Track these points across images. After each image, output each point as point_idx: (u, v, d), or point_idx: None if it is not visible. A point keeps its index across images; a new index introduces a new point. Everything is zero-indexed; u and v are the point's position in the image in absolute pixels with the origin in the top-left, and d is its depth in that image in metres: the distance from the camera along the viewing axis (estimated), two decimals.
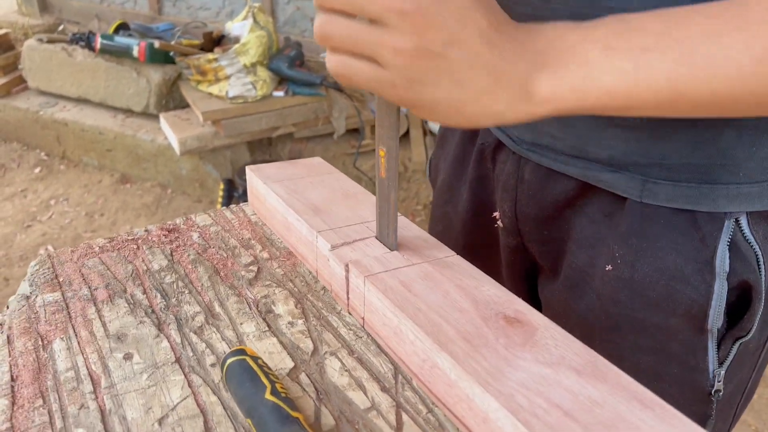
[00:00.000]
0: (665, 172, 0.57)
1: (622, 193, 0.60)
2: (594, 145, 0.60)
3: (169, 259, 0.67)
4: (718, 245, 0.56)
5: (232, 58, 2.83)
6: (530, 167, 0.67)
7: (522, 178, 0.68)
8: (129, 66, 3.07)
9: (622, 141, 0.58)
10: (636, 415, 0.39)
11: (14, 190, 3.09)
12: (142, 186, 3.10)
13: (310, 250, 0.63)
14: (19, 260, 2.57)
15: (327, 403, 0.49)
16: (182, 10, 3.96)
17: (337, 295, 0.60)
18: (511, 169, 0.69)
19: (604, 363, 0.45)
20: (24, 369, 0.52)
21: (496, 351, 0.45)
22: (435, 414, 0.48)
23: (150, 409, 0.48)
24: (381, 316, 0.53)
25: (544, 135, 0.64)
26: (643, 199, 0.58)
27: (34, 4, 4.36)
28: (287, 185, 0.70)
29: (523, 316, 0.49)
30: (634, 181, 0.58)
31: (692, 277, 0.57)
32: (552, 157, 0.64)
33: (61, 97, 3.36)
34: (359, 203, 0.68)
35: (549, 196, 0.66)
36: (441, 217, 0.85)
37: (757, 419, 1.82)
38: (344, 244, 0.59)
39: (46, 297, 0.61)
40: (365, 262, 0.56)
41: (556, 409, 0.39)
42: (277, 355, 0.54)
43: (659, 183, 0.57)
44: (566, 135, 0.62)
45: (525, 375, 0.42)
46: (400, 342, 0.51)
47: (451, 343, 0.45)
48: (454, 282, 0.53)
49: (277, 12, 3.58)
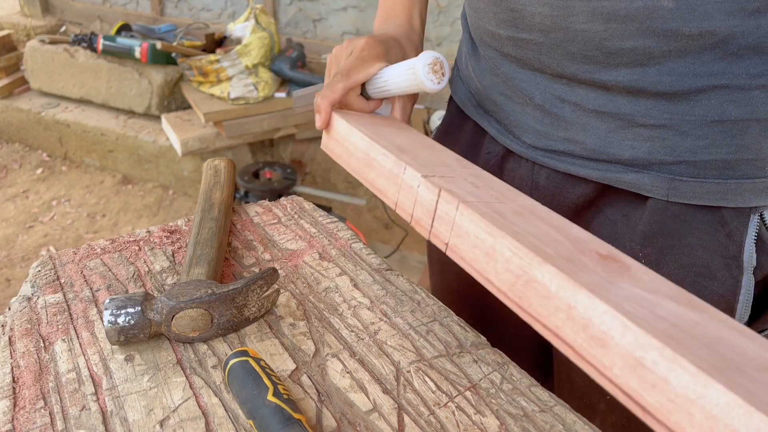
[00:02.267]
0: (691, 169, 0.57)
1: (647, 193, 0.59)
2: (616, 147, 0.59)
3: (171, 260, 0.67)
4: (745, 240, 0.56)
5: (234, 60, 2.83)
6: (545, 173, 0.66)
7: (537, 185, 0.67)
8: (131, 67, 3.07)
9: (646, 140, 0.58)
10: (738, 340, 0.39)
11: (16, 191, 3.10)
12: (143, 187, 3.10)
13: (392, 183, 0.63)
14: (20, 261, 2.57)
15: (328, 405, 0.49)
16: (184, 12, 3.96)
17: (418, 222, 0.60)
18: (524, 176, 0.68)
19: (698, 300, 0.45)
20: (25, 370, 0.52)
21: (596, 273, 0.45)
22: (437, 416, 0.48)
23: (151, 410, 0.48)
24: (473, 239, 0.52)
25: (559, 140, 0.63)
26: (669, 198, 0.58)
27: (36, 6, 4.36)
28: (372, 129, 0.71)
29: (617, 255, 0.49)
30: (660, 180, 0.58)
31: (719, 273, 0.57)
32: (569, 162, 0.63)
33: (63, 98, 3.37)
34: (442, 152, 0.68)
35: (566, 201, 0.65)
36: None
37: None
38: (434, 176, 0.60)
39: (47, 298, 0.61)
40: (458, 192, 0.56)
41: (662, 321, 0.39)
42: (279, 356, 0.54)
43: (685, 181, 0.57)
44: (585, 139, 0.61)
45: (627, 293, 0.42)
46: (491, 261, 0.50)
47: (553, 259, 0.45)
48: (545, 221, 0.54)
49: (279, 13, 3.59)
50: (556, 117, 0.62)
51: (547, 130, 0.63)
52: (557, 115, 0.62)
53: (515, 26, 0.62)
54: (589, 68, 0.57)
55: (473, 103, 0.76)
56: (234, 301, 0.55)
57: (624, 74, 0.56)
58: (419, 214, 0.60)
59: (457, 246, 0.55)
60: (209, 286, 0.56)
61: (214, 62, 2.85)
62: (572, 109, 0.61)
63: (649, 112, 0.56)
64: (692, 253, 0.58)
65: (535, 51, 0.61)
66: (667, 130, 0.56)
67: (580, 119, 0.60)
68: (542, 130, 0.64)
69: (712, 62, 0.53)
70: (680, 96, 0.55)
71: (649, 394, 0.37)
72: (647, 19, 0.52)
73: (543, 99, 0.62)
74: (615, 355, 0.39)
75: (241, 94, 2.80)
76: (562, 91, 0.61)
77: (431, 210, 0.58)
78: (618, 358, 0.39)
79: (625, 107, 0.57)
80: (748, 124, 0.54)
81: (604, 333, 0.40)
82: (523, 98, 0.65)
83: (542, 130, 0.64)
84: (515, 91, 0.66)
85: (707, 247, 0.57)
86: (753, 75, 0.52)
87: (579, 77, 0.59)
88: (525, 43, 0.61)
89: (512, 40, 0.63)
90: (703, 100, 0.54)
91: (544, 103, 0.62)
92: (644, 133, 0.57)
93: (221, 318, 0.55)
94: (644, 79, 0.55)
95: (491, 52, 0.68)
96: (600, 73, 0.57)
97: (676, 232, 0.58)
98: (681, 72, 0.54)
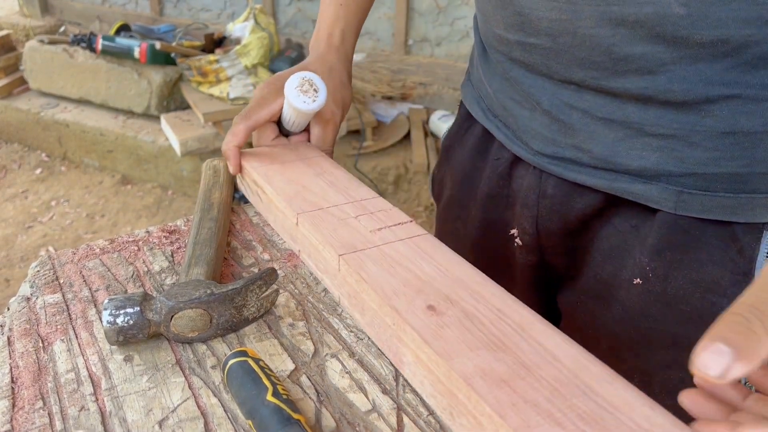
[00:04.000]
0: (701, 182, 0.55)
1: (655, 205, 0.58)
2: (623, 156, 0.58)
3: (170, 261, 0.67)
4: (756, 256, 0.55)
5: (233, 60, 2.83)
6: (553, 181, 0.65)
7: (544, 193, 0.66)
8: (130, 67, 3.07)
9: (655, 150, 0.56)
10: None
11: (15, 191, 3.09)
12: (142, 187, 3.10)
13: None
14: (19, 261, 2.57)
15: (328, 405, 0.49)
16: (183, 12, 3.96)
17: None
18: (531, 184, 0.67)
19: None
20: (24, 371, 0.52)
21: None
22: (436, 416, 0.48)
23: (150, 411, 0.48)
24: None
25: (567, 147, 0.62)
26: (678, 211, 0.56)
27: (35, 6, 4.36)
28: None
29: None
30: (668, 192, 0.57)
31: (729, 289, 0.56)
32: (576, 170, 0.62)
33: (63, 98, 3.36)
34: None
35: (574, 210, 0.64)
36: (450, 233, 0.82)
37: None
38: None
39: (46, 298, 0.61)
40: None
41: None
42: (278, 356, 0.54)
43: (694, 194, 0.56)
44: (593, 147, 0.60)
45: None
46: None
47: None
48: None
49: (279, 13, 3.59)
50: (564, 124, 0.61)
51: (555, 137, 0.62)
52: (564, 121, 0.61)
53: (523, 30, 0.61)
54: (597, 74, 0.56)
55: (483, 107, 0.75)
56: (233, 301, 0.55)
57: (632, 81, 0.54)
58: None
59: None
60: (208, 287, 0.56)
61: (214, 62, 2.85)
62: (580, 116, 0.59)
63: (658, 122, 0.55)
64: (701, 268, 0.57)
65: (542, 56, 0.60)
66: (676, 141, 0.55)
67: (587, 126, 0.59)
68: (550, 137, 0.63)
69: (725, 71, 0.51)
70: (690, 105, 0.53)
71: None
72: (657, 25, 0.51)
73: (551, 105, 0.61)
74: None
75: (240, 94, 2.80)
76: (570, 97, 0.60)
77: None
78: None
79: (633, 115, 0.56)
80: (761, 137, 0.52)
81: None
82: (532, 103, 0.64)
83: (550, 137, 0.63)
84: (524, 95, 0.65)
85: (717, 263, 0.56)
86: (767, 86, 0.51)
87: (587, 83, 0.58)
88: (533, 48, 0.60)
89: (520, 45, 0.62)
90: (714, 111, 0.53)
91: (552, 109, 0.61)
92: (653, 142, 0.56)
93: (220, 318, 0.55)
94: (653, 87, 0.54)
95: (500, 56, 0.67)
96: (608, 79, 0.56)
97: (685, 246, 0.57)
98: (692, 80, 0.52)
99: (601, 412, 0.40)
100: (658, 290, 0.59)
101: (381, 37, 3.34)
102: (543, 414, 0.40)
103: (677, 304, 0.58)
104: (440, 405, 0.46)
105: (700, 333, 0.58)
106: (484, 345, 0.46)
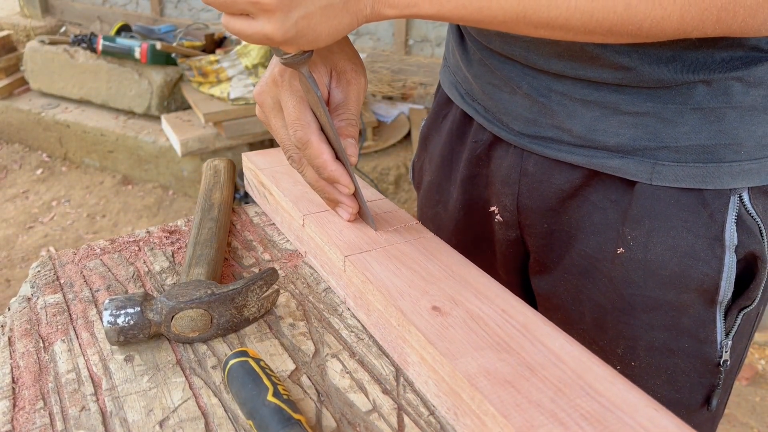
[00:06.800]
0: (674, 154, 0.59)
1: (632, 177, 0.61)
2: (601, 134, 0.62)
3: (171, 261, 0.67)
4: (726, 220, 0.59)
5: (234, 60, 2.83)
6: (534, 159, 0.67)
7: (525, 171, 0.68)
8: (131, 67, 3.07)
9: (631, 127, 0.60)
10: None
11: (16, 192, 3.10)
12: (143, 187, 3.10)
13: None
14: (20, 262, 2.58)
15: (328, 405, 0.49)
16: (184, 12, 3.97)
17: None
18: (511, 163, 0.70)
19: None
20: (25, 371, 0.52)
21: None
22: (437, 416, 0.48)
23: (151, 411, 0.48)
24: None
25: (547, 127, 0.65)
26: (653, 182, 0.60)
27: (36, 6, 4.37)
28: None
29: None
30: (644, 165, 0.60)
31: (703, 253, 0.60)
32: (557, 148, 0.65)
33: (63, 98, 3.37)
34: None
35: (553, 187, 0.67)
36: (431, 218, 0.85)
37: (760, 422, 1.81)
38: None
39: (47, 298, 0.61)
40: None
41: None
42: (278, 356, 0.54)
43: (668, 165, 0.60)
44: (572, 126, 0.63)
45: None
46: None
47: None
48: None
49: None
50: (544, 105, 0.64)
51: (536, 117, 0.65)
52: (544, 103, 0.64)
53: None
54: (575, 65, 0.60)
55: (461, 91, 0.77)
56: (234, 301, 0.55)
57: (608, 72, 0.59)
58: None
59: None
60: (209, 287, 0.55)
61: (214, 63, 2.85)
62: (559, 98, 0.63)
63: (633, 101, 0.59)
64: (678, 234, 0.61)
65: (521, 48, 0.63)
66: (650, 118, 0.59)
67: (566, 107, 0.63)
68: (530, 117, 0.66)
69: (694, 59, 0.56)
70: (662, 89, 0.58)
71: None
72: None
73: (530, 89, 0.64)
74: None
75: (240, 94, 2.80)
76: (550, 81, 0.63)
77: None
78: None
79: (610, 97, 0.60)
80: (725, 112, 0.57)
81: None
82: (511, 87, 0.66)
83: (530, 117, 0.66)
84: (503, 80, 0.67)
85: (691, 229, 0.60)
86: (729, 67, 0.56)
87: (566, 73, 0.61)
88: (512, 40, 0.63)
89: (499, 36, 0.64)
90: (683, 91, 0.57)
91: (532, 92, 0.64)
92: (628, 120, 0.60)
93: (221, 318, 0.55)
94: (627, 78, 0.58)
95: (479, 45, 0.70)
96: (585, 69, 0.60)
97: (662, 214, 0.61)
98: (664, 72, 0.57)
99: (604, 412, 0.40)
100: (640, 258, 0.62)
101: (381, 37, 3.34)
102: (546, 414, 0.40)
103: (657, 270, 0.62)
104: (444, 405, 0.47)
105: (678, 296, 0.62)
106: (489, 346, 0.46)
